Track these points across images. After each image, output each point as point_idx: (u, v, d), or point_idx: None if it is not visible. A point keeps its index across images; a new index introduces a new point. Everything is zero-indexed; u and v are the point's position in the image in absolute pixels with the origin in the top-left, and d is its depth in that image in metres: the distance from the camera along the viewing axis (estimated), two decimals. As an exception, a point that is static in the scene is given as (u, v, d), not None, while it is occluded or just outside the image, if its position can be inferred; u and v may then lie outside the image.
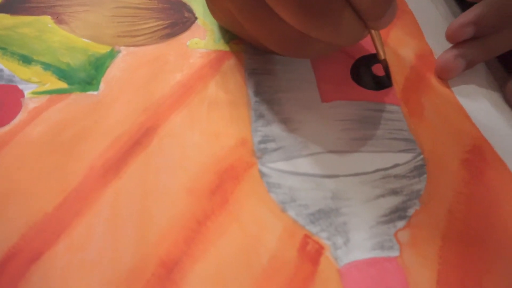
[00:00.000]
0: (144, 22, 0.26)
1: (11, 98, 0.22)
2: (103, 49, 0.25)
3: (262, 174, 0.20)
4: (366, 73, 0.25)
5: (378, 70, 0.25)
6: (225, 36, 0.26)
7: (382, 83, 0.25)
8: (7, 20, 0.25)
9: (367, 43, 0.26)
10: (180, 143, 0.21)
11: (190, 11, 0.28)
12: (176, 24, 0.27)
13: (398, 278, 0.18)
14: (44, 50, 0.24)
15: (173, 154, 0.21)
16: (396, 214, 0.20)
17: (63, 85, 0.22)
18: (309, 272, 0.18)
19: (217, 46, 0.26)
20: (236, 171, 0.20)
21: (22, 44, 0.24)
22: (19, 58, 0.23)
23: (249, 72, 0.25)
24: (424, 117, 0.24)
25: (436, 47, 0.27)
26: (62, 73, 0.23)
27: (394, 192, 0.20)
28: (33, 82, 0.22)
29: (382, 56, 0.24)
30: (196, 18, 0.27)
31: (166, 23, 0.27)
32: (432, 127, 0.23)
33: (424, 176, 0.21)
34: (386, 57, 0.25)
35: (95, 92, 0.22)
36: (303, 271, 0.18)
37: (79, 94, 0.22)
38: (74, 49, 0.24)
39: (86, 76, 0.23)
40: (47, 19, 0.26)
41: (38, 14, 0.26)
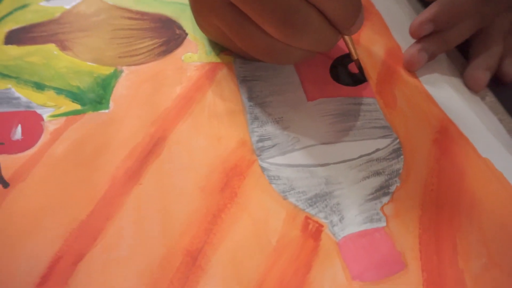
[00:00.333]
0: (141, 42, 0.29)
1: (32, 123, 0.24)
2: (107, 70, 0.27)
3: (263, 169, 0.23)
4: (343, 72, 0.28)
5: (354, 68, 0.29)
6: (215, 49, 0.29)
7: (358, 79, 0.28)
8: (15, 51, 0.28)
9: (342, 44, 0.29)
10: (188, 149, 0.24)
11: (180, 28, 0.30)
12: (170, 41, 0.29)
13: (387, 245, 0.21)
14: (54, 76, 0.26)
15: (183, 159, 0.23)
16: (381, 192, 0.23)
17: (77, 107, 0.25)
18: (313, 247, 0.21)
19: (209, 58, 0.29)
20: (240, 169, 0.23)
21: (32, 72, 0.27)
22: (33, 85, 0.26)
23: (241, 80, 0.28)
24: (397, 106, 0.27)
25: (403, 43, 0.31)
26: (74, 96, 0.25)
27: (377, 173, 0.24)
28: (49, 106, 0.25)
29: (355, 57, 0.28)
30: (187, 34, 0.30)
31: (161, 41, 0.29)
32: (405, 114, 0.27)
33: (401, 157, 0.25)
34: (359, 56, 0.28)
35: (106, 110, 0.25)
36: (308, 247, 0.21)
37: (92, 113, 0.25)
38: (81, 73, 0.27)
39: (96, 97, 0.26)
40: (52, 47, 0.28)
41: (43, 43, 0.28)
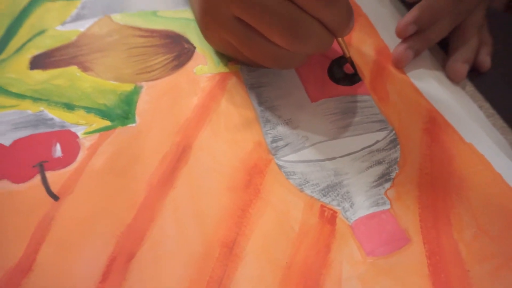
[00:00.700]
0: (154, 58, 0.32)
1: (69, 140, 0.27)
2: (128, 87, 0.30)
3: (279, 166, 0.27)
4: (340, 73, 0.32)
5: (349, 69, 0.32)
6: (223, 59, 0.32)
7: (354, 79, 0.32)
8: (41, 75, 0.30)
9: (336, 46, 0.32)
10: (211, 153, 0.27)
11: (188, 42, 0.33)
12: (180, 56, 0.32)
13: (393, 224, 0.25)
14: (81, 96, 0.29)
15: (209, 163, 0.27)
16: (383, 178, 0.27)
17: (107, 123, 0.28)
18: (330, 231, 0.24)
19: (218, 69, 0.32)
20: (260, 167, 0.27)
21: (60, 94, 0.29)
22: (63, 106, 0.28)
23: (249, 87, 0.31)
24: (390, 101, 0.31)
25: (390, 42, 0.34)
26: (103, 113, 0.28)
27: (379, 162, 0.27)
28: (82, 124, 0.28)
29: (348, 54, 0.31)
30: (195, 47, 0.33)
31: (172, 56, 0.32)
32: (397, 108, 0.30)
33: (398, 147, 0.28)
34: (352, 56, 0.32)
35: (134, 124, 0.28)
36: (325, 231, 0.24)
37: (122, 128, 0.28)
38: (105, 91, 0.29)
39: (122, 112, 0.28)
40: (74, 69, 0.30)
41: (65, 66, 0.31)
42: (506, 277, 0.23)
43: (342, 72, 0.32)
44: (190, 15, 0.35)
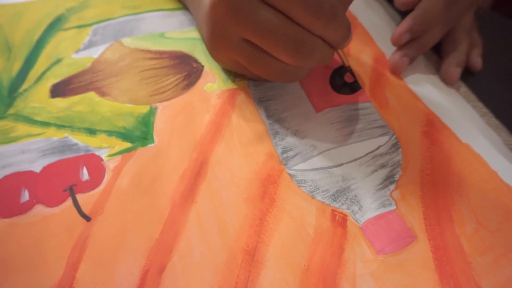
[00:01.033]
0: (166, 79, 0.34)
1: (95, 163, 0.29)
2: (144, 109, 0.32)
3: (291, 176, 0.29)
4: (341, 83, 0.34)
5: (349, 78, 0.34)
6: (230, 76, 0.34)
7: (354, 87, 0.34)
8: (62, 103, 0.32)
9: (336, 56, 0.34)
10: (227, 167, 0.29)
11: (196, 61, 0.35)
12: (190, 75, 0.34)
13: (399, 223, 0.27)
14: (101, 120, 0.31)
15: (226, 176, 0.29)
16: (388, 181, 0.29)
17: (128, 145, 0.30)
18: (342, 233, 0.26)
19: (227, 86, 0.34)
20: (273, 178, 0.29)
21: (82, 120, 0.31)
22: (85, 131, 0.30)
23: (257, 101, 0.33)
24: (390, 106, 0.33)
25: (386, 49, 0.36)
26: (123, 136, 0.30)
27: (383, 166, 0.29)
28: (105, 148, 0.30)
29: (347, 64, 0.33)
30: (203, 66, 0.35)
31: (182, 76, 0.34)
32: (397, 113, 0.32)
33: (400, 150, 0.30)
34: (351, 65, 0.34)
35: (153, 144, 0.30)
36: (338, 233, 0.26)
37: (142, 149, 0.30)
38: (123, 114, 0.31)
39: (141, 134, 0.30)
40: (92, 95, 0.32)
41: (83, 92, 0.33)
42: (506, 267, 0.25)
43: (343, 81, 0.34)
44: (196, 35, 0.37)
